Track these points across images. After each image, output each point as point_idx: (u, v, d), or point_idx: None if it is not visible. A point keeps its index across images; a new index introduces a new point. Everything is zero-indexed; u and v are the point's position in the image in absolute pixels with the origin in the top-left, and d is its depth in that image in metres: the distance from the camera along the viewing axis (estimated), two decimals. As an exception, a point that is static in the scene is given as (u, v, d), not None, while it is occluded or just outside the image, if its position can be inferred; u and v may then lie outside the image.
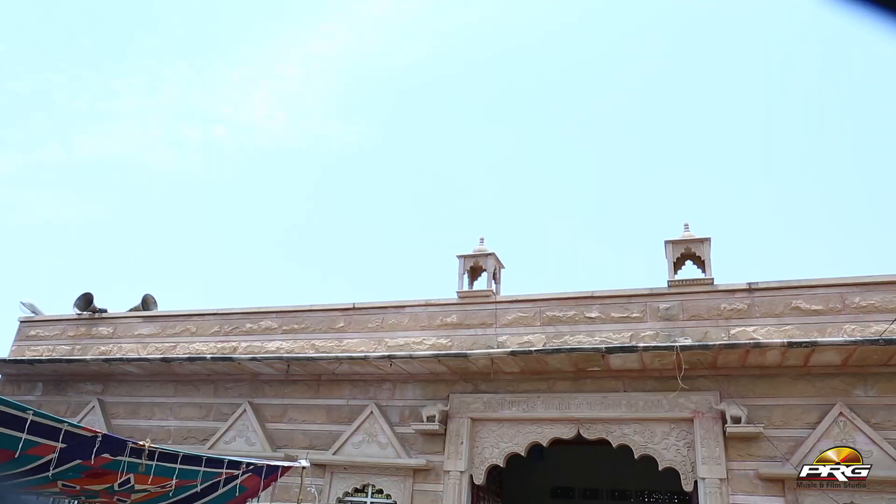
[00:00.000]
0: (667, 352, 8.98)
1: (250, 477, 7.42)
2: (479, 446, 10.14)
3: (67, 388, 13.22)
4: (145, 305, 13.99)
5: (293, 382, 11.53)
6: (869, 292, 9.06)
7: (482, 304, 10.65)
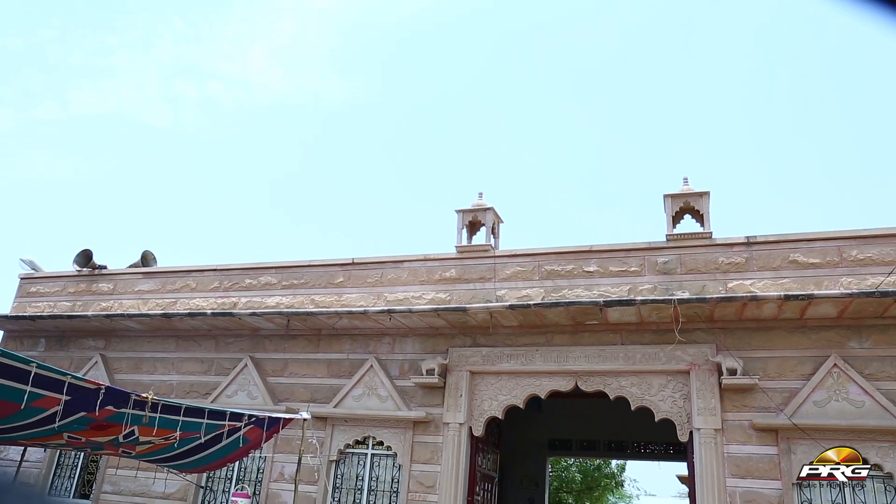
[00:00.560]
0: (664, 305, 9.04)
1: (253, 429, 7.55)
2: (477, 399, 10.29)
3: (70, 344, 13.34)
4: (144, 262, 14.01)
5: (293, 337, 11.63)
6: (866, 245, 9.08)
7: (481, 258, 10.68)
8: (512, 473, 14.01)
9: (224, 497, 11.29)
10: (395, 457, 10.42)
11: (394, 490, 10.35)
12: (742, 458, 8.85)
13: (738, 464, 8.84)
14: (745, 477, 8.77)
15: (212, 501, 11.44)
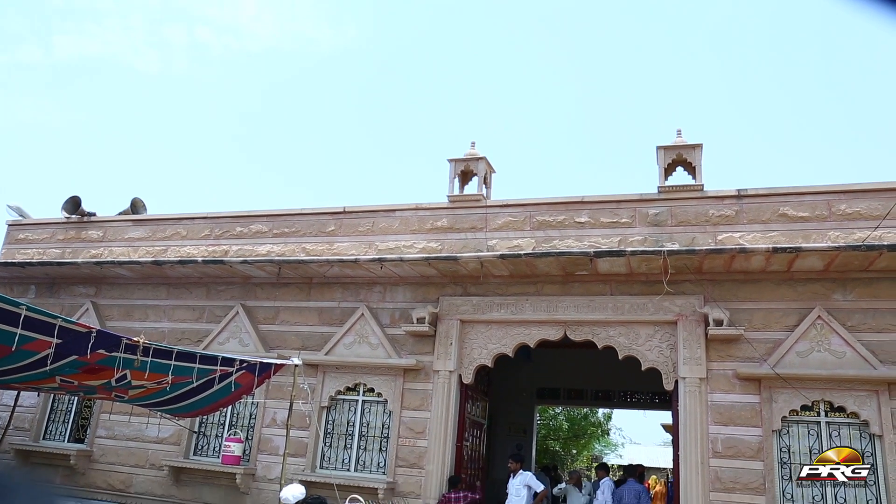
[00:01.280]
0: (654, 256, 9.10)
1: (244, 374, 7.64)
2: (467, 347, 10.42)
3: (60, 291, 13.34)
4: (134, 209, 13.93)
5: (285, 285, 11.67)
6: (855, 199, 9.13)
7: (472, 208, 10.67)
8: (501, 421, 14.30)
9: (217, 442, 11.48)
10: (385, 403, 10.59)
11: (384, 435, 10.56)
12: (725, 406, 9.05)
13: (721, 411, 9.04)
14: (728, 424, 8.99)
15: (205, 446, 11.63)
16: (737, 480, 8.74)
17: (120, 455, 11.89)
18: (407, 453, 10.20)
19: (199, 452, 11.59)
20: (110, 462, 11.92)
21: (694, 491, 8.79)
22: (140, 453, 11.74)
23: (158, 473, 11.47)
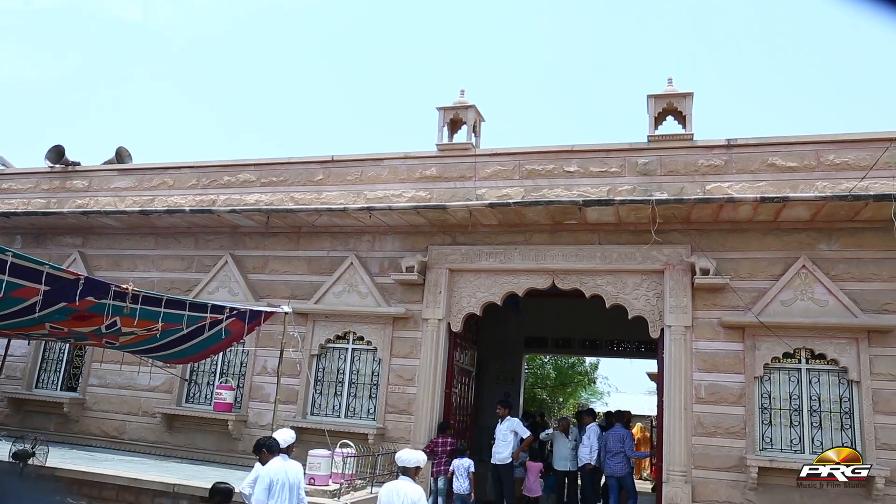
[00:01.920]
0: (642, 206, 9.14)
1: (234, 322, 7.68)
2: (456, 296, 10.50)
3: (47, 242, 13.26)
4: (119, 158, 13.75)
5: (273, 235, 11.65)
6: (844, 150, 9.14)
7: (461, 156, 10.61)
8: (489, 369, 14.50)
9: (209, 390, 11.61)
10: (375, 351, 10.71)
11: (374, 383, 10.71)
12: (709, 354, 9.22)
13: (705, 359, 9.22)
14: (711, 371, 9.18)
15: (196, 394, 11.77)
16: (718, 425, 8.96)
17: (112, 403, 12.02)
18: (396, 400, 10.36)
19: (190, 400, 11.74)
20: (103, 410, 12.06)
21: (677, 435, 9.01)
22: (132, 401, 11.87)
23: (151, 420, 11.63)
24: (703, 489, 8.81)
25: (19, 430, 10.49)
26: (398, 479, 5.75)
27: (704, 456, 8.91)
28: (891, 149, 8.57)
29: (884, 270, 8.88)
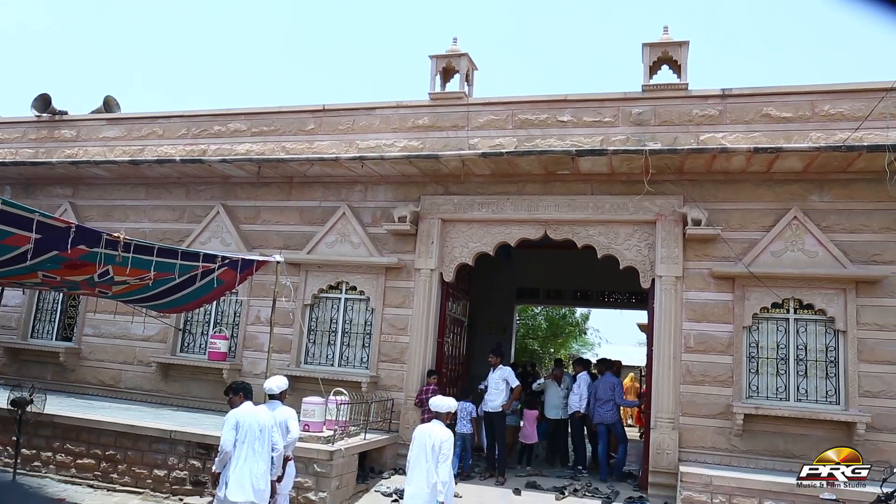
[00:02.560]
0: (636, 156, 9.10)
1: (226, 271, 7.70)
2: (448, 246, 10.52)
3: (37, 192, 13.16)
4: (107, 107, 13.55)
5: (265, 185, 11.59)
6: (839, 100, 9.08)
7: (454, 106, 10.49)
8: (481, 319, 14.63)
9: (203, 339, 11.70)
10: (367, 301, 10.77)
11: (367, 332, 10.80)
12: (699, 304, 9.32)
13: (695, 309, 9.32)
14: (701, 321, 9.29)
15: (191, 343, 11.86)
16: (706, 373, 9.12)
17: (108, 352, 12.12)
18: (389, 349, 10.48)
19: (185, 349, 11.83)
20: (99, 359, 12.16)
21: (665, 383, 9.17)
22: (128, 350, 11.97)
23: (147, 369, 11.74)
24: (690, 435, 9.01)
25: (16, 379, 10.58)
26: (431, 422, 6.42)
27: (692, 404, 9.09)
28: (886, 98, 8.52)
29: (874, 221, 8.93)
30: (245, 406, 6.28)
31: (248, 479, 5.97)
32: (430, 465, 6.05)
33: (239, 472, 5.98)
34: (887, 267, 8.73)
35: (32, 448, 9.25)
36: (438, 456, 6.01)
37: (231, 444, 6.02)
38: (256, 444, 6.06)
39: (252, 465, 6.01)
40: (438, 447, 6.04)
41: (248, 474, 5.98)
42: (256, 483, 5.99)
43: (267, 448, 6.13)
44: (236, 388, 6.42)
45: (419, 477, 6.08)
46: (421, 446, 6.19)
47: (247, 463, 6.00)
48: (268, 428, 6.18)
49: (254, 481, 5.98)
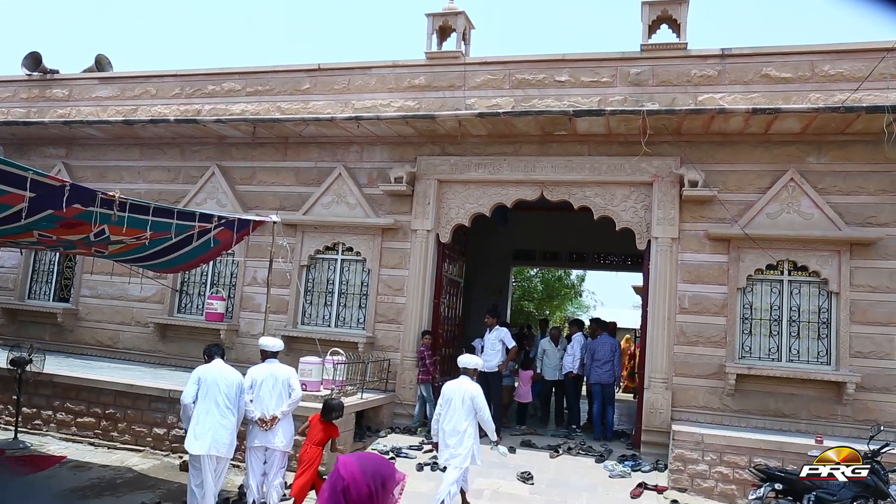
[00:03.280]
0: (633, 116, 9.04)
1: (223, 231, 7.67)
2: (445, 206, 10.51)
3: (30, 153, 13.04)
4: (99, 66, 13.37)
5: (260, 145, 11.50)
6: (839, 60, 9.00)
7: (451, 65, 10.37)
8: (477, 281, 14.68)
9: (200, 300, 11.74)
10: (364, 262, 10.79)
11: (363, 293, 10.85)
12: (694, 265, 9.36)
13: (690, 270, 9.36)
14: (695, 282, 9.34)
15: (188, 304, 11.90)
16: (700, 334, 9.20)
17: (105, 313, 12.17)
18: (385, 310, 10.53)
19: (182, 310, 11.88)
20: (97, 320, 12.21)
21: (659, 344, 9.26)
22: (125, 311, 12.01)
23: (144, 330, 11.80)
24: (683, 395, 9.13)
25: (15, 340, 10.64)
26: (459, 378, 6.92)
27: (685, 364, 9.19)
28: (887, 59, 8.44)
29: (870, 183, 8.92)
30: (213, 363, 6.45)
31: (207, 432, 6.10)
32: (460, 416, 6.60)
33: (200, 425, 6.12)
34: (882, 229, 8.76)
35: (33, 407, 9.35)
36: (471, 409, 6.59)
37: (190, 397, 6.18)
38: (219, 399, 6.19)
39: (212, 419, 6.13)
40: (470, 400, 6.60)
41: (207, 428, 6.11)
42: (216, 437, 6.11)
43: (232, 404, 6.25)
44: (206, 352, 6.66)
45: (450, 427, 6.62)
46: (450, 400, 6.71)
47: (207, 417, 6.14)
48: (233, 385, 6.31)
49: (214, 435, 6.10)
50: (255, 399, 6.53)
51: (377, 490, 2.02)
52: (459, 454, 6.54)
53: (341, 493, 2.02)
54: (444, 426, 6.69)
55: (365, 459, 2.09)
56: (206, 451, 6.04)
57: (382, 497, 2.04)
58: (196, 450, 6.05)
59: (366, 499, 2.01)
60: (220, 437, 6.11)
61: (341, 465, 2.07)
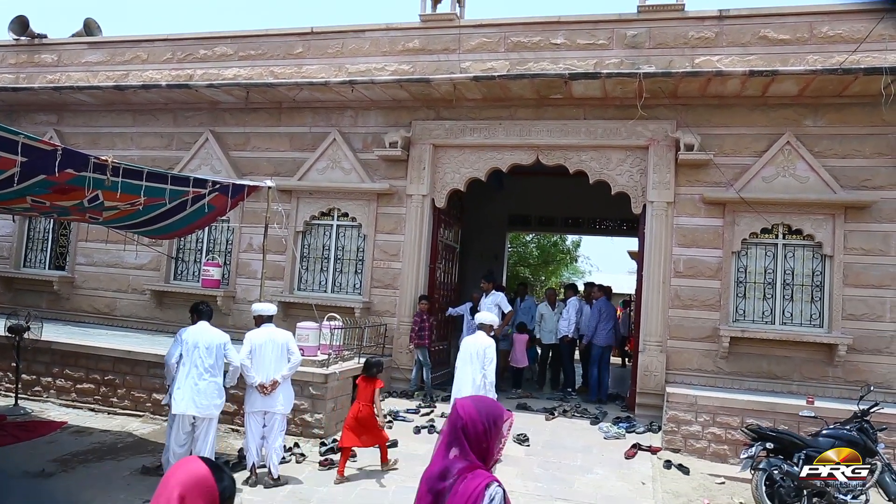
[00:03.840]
0: (629, 79, 8.97)
1: (217, 196, 7.63)
2: (440, 171, 10.47)
3: (20, 119, 12.89)
4: (88, 30, 13.14)
5: (254, 110, 11.39)
6: (838, 21, 8.91)
7: (445, 28, 10.23)
8: (473, 247, 14.70)
9: (196, 267, 11.75)
10: (359, 227, 10.78)
11: (359, 259, 10.86)
12: (689, 229, 9.38)
13: (685, 234, 9.38)
14: (690, 246, 9.37)
15: (184, 271, 11.91)
16: (695, 298, 9.26)
17: (101, 281, 12.17)
18: (381, 275, 10.56)
19: (178, 277, 11.89)
20: (93, 287, 12.22)
21: (654, 308, 9.32)
22: (121, 279, 12.02)
23: (141, 297, 11.82)
24: (677, 358, 9.23)
25: (11, 308, 10.66)
26: (475, 333, 7.49)
27: (680, 327, 9.27)
28: (886, 19, 8.36)
29: (866, 146, 8.91)
30: (198, 325, 6.53)
31: (189, 393, 6.22)
32: (476, 367, 7.15)
33: (182, 386, 6.25)
34: (877, 192, 8.77)
35: (32, 374, 9.40)
36: (484, 360, 7.14)
37: (173, 357, 6.33)
38: (199, 361, 6.29)
39: (194, 379, 6.25)
40: (483, 352, 7.16)
41: (189, 389, 6.23)
42: (198, 398, 6.23)
43: (214, 366, 6.35)
44: (193, 310, 6.75)
45: (465, 377, 7.18)
46: (467, 353, 7.27)
47: (189, 378, 6.26)
48: (215, 345, 6.40)
49: (195, 396, 6.22)
50: (256, 363, 6.57)
51: (490, 427, 2.35)
52: None
53: (461, 430, 2.35)
54: (459, 383, 7.25)
55: (479, 401, 2.43)
56: (184, 410, 6.22)
57: (494, 433, 2.37)
58: (177, 409, 6.23)
59: (481, 435, 2.34)
60: (199, 398, 6.23)
61: (459, 407, 2.40)
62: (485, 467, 2.36)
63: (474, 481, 2.29)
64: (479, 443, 2.35)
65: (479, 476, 2.31)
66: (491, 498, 2.28)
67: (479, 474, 2.32)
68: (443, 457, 2.41)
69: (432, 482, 2.39)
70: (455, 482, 2.32)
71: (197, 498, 1.72)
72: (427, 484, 2.41)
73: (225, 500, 1.78)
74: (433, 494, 2.37)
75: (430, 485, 2.39)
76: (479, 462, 2.35)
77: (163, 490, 1.73)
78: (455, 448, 2.38)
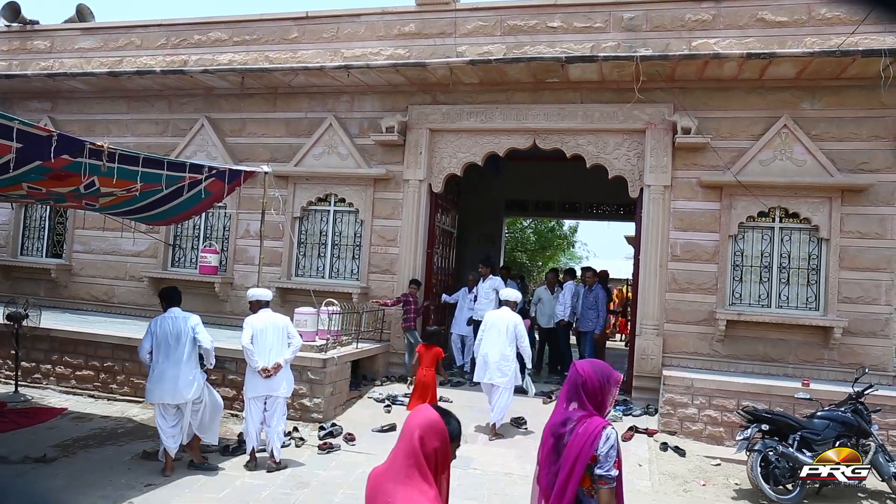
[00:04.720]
0: (626, 62, 8.93)
1: (214, 182, 7.60)
2: (437, 156, 10.44)
3: (14, 107, 12.80)
4: (80, 16, 13.04)
5: (249, 96, 11.34)
6: (835, 2, 8.86)
7: (441, 11, 10.16)
8: (470, 232, 14.69)
9: (193, 254, 11.74)
10: (356, 213, 10.77)
11: (356, 244, 10.86)
12: (686, 213, 9.39)
13: (683, 218, 9.39)
14: (687, 230, 9.38)
15: (182, 258, 11.91)
16: (691, 281, 9.29)
17: (99, 268, 12.16)
18: (379, 260, 10.57)
19: (176, 264, 11.89)
20: (91, 275, 12.21)
21: (651, 291, 9.35)
22: (119, 266, 12.01)
23: (139, 284, 11.82)
24: (674, 341, 9.27)
25: (9, 296, 10.66)
26: (501, 308, 8.10)
27: (676, 311, 9.30)
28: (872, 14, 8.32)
29: (864, 129, 8.90)
30: (166, 314, 6.62)
31: (163, 381, 6.34)
32: (504, 340, 7.66)
33: (156, 375, 6.38)
34: (873, 175, 8.78)
35: (32, 361, 9.42)
36: (516, 335, 7.69)
37: (145, 351, 6.47)
38: (168, 351, 6.39)
39: (165, 367, 6.37)
40: (513, 328, 7.71)
41: (162, 377, 6.35)
42: (172, 385, 6.34)
43: (187, 350, 6.43)
44: (161, 296, 6.84)
45: (493, 348, 7.68)
46: (494, 327, 7.78)
47: (160, 366, 6.38)
48: (184, 331, 6.49)
49: (168, 384, 6.34)
50: (258, 348, 6.58)
51: (605, 383, 2.85)
52: (508, 375, 7.64)
53: (580, 386, 2.86)
54: (486, 350, 7.72)
55: (593, 362, 2.94)
56: (162, 399, 6.36)
57: (607, 388, 2.86)
58: (153, 398, 6.43)
59: (598, 390, 2.84)
60: (170, 386, 6.33)
61: (578, 367, 2.91)
62: (600, 415, 2.86)
63: (593, 423, 2.80)
64: (595, 396, 2.85)
65: (597, 420, 2.82)
66: (607, 437, 2.78)
67: (596, 419, 2.83)
68: (563, 409, 2.94)
69: (555, 428, 2.91)
70: (575, 426, 2.82)
71: (433, 437, 2.14)
72: (550, 430, 2.93)
73: (454, 439, 2.21)
74: (555, 437, 2.88)
75: (553, 430, 2.91)
76: (595, 412, 2.85)
77: (405, 431, 2.17)
78: (574, 402, 2.89)
